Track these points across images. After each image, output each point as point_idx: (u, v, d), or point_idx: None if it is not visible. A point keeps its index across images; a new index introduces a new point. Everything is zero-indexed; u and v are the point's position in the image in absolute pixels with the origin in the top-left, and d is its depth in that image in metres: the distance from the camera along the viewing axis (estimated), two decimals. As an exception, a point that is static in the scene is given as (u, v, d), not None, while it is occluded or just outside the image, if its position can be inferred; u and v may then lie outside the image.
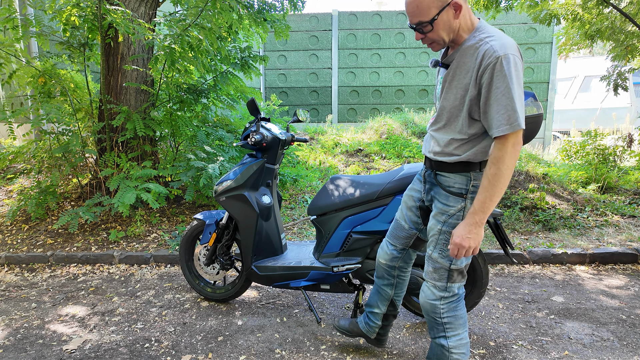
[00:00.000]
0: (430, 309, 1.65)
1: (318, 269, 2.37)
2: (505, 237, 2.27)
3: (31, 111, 4.08)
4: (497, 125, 1.39)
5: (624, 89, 5.57)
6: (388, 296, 1.98)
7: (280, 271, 2.45)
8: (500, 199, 1.45)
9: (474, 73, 1.42)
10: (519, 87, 1.38)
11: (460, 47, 1.48)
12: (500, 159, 1.39)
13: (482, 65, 1.39)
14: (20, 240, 3.88)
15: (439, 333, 1.65)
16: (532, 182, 4.73)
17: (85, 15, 3.78)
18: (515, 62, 1.37)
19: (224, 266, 2.66)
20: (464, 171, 1.55)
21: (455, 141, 1.55)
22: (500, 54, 1.36)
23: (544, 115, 9.20)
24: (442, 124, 1.59)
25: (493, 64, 1.36)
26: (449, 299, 1.62)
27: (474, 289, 2.35)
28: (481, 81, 1.41)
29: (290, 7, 4.76)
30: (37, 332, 2.46)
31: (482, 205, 1.44)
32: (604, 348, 2.22)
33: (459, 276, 1.61)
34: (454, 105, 1.52)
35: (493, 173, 1.40)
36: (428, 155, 1.66)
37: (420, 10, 1.41)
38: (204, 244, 2.69)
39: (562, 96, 11.16)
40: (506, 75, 1.35)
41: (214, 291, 2.79)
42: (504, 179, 1.40)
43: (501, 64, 1.35)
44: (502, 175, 1.40)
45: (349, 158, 5.77)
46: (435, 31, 1.45)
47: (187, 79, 4.42)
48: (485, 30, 1.45)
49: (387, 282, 1.97)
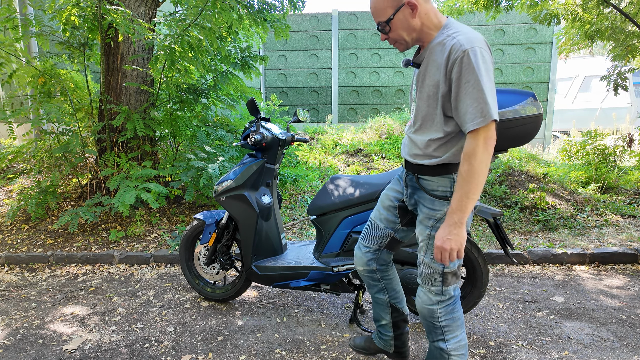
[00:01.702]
0: (427, 314, 1.63)
1: (318, 269, 2.37)
2: (506, 237, 2.27)
3: (31, 111, 4.08)
4: (470, 120, 1.37)
5: (624, 89, 5.57)
6: (385, 303, 1.94)
7: (280, 271, 2.45)
8: (479, 196, 1.40)
9: (443, 69, 1.42)
10: (488, 79, 1.36)
11: (429, 45, 1.48)
12: (472, 154, 1.36)
13: (450, 60, 1.39)
14: (20, 240, 3.88)
15: (437, 337, 1.63)
16: (532, 182, 4.73)
17: (85, 15, 3.78)
18: (482, 54, 1.36)
19: (224, 266, 2.66)
20: (446, 173, 1.53)
21: (433, 142, 1.53)
22: (467, 47, 1.35)
23: (544, 116, 9.21)
24: (419, 124, 1.57)
25: (460, 57, 1.36)
26: (445, 302, 1.60)
27: (474, 289, 2.34)
28: (451, 76, 1.40)
29: (290, 7, 4.76)
30: (37, 332, 2.45)
31: (459, 203, 1.40)
32: (604, 348, 2.22)
33: (453, 278, 1.59)
34: (428, 104, 1.51)
35: (466, 169, 1.38)
36: (408, 158, 1.63)
37: (378, 11, 1.47)
38: (204, 244, 2.69)
39: (562, 96, 11.16)
40: (474, 68, 1.34)
41: (214, 291, 2.79)
42: (478, 175, 1.37)
43: (468, 57, 1.35)
44: (475, 171, 1.36)
45: (349, 158, 5.77)
46: (394, 31, 1.48)
47: (187, 79, 4.41)
48: (452, 27, 1.45)
49: (376, 289, 1.93)
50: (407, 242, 2.29)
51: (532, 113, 2.05)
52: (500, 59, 9.22)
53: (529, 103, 2.05)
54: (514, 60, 9.17)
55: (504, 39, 9.14)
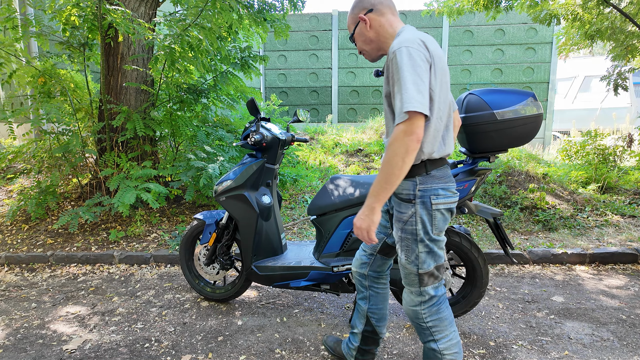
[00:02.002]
0: (413, 316, 1.64)
1: (318, 269, 2.37)
2: (506, 237, 2.27)
3: (31, 111, 4.08)
4: (397, 115, 1.41)
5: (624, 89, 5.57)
6: (362, 312, 1.91)
7: (280, 271, 2.45)
8: (391, 187, 1.40)
9: (386, 72, 1.52)
10: (412, 73, 1.38)
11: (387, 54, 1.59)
12: (389, 144, 1.40)
13: (387, 63, 1.50)
14: (20, 240, 3.88)
15: (427, 337, 1.63)
16: (532, 182, 4.73)
17: (85, 15, 3.78)
18: (409, 52, 1.41)
19: (223, 266, 2.66)
20: (409, 176, 1.55)
21: None
22: (395, 49, 1.43)
23: (544, 115, 9.21)
24: (387, 130, 1.64)
25: (391, 59, 1.44)
26: (427, 302, 1.60)
27: (473, 289, 2.34)
28: (389, 78, 1.49)
29: (290, 7, 4.76)
30: (37, 332, 2.45)
31: (374, 189, 1.45)
32: (604, 348, 2.22)
33: (430, 279, 1.58)
34: (386, 109, 1.59)
35: (384, 158, 1.43)
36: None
37: (348, 27, 1.70)
38: (204, 243, 2.69)
39: (562, 96, 11.17)
40: (399, 67, 1.40)
41: (214, 291, 2.79)
42: (391, 166, 1.39)
43: (395, 56, 1.42)
44: (389, 160, 1.40)
45: (349, 158, 5.77)
46: (358, 42, 1.67)
47: (187, 79, 4.41)
48: (400, 33, 1.54)
49: (361, 295, 1.92)
50: None
51: (532, 113, 2.05)
52: (500, 59, 9.22)
53: (529, 103, 2.06)
54: (514, 60, 9.17)
55: (504, 39, 9.14)
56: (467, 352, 2.18)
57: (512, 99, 2.07)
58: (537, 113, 2.07)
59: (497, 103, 2.05)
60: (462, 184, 2.19)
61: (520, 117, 2.05)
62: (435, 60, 1.46)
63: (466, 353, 2.18)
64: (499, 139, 2.09)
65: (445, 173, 1.58)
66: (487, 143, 2.11)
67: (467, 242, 2.31)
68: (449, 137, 1.59)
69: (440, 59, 1.49)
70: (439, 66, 1.47)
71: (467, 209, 2.26)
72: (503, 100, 2.06)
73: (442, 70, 1.48)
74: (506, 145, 2.11)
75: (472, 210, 2.27)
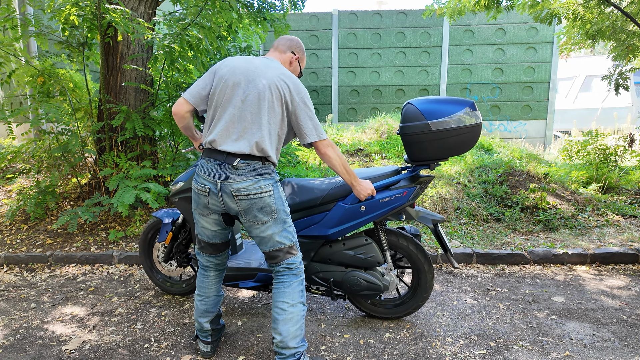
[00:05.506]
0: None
1: (265, 271, 2.43)
2: (444, 243, 2.35)
3: (30, 111, 4.07)
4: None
5: (625, 89, 5.56)
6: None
7: (230, 272, 2.49)
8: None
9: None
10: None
11: None
12: None
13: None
14: (20, 240, 3.87)
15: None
16: (533, 182, 4.72)
17: (85, 15, 3.77)
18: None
19: (180, 264, 2.71)
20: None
21: None
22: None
23: (544, 115, 9.19)
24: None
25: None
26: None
27: (418, 292, 2.39)
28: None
29: (290, 7, 4.75)
30: (37, 332, 2.45)
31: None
32: (605, 348, 2.21)
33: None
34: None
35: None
36: None
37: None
38: (160, 242, 2.73)
39: (563, 96, 11.16)
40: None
41: (172, 285, 2.87)
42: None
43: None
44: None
45: (349, 158, 5.76)
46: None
47: (186, 79, 4.40)
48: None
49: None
50: (349, 245, 2.31)
51: (468, 123, 2.08)
52: (501, 58, 9.21)
53: (467, 113, 2.08)
54: (515, 59, 9.16)
55: (505, 38, 9.13)
56: (468, 353, 2.17)
57: (448, 108, 2.06)
58: (474, 123, 2.07)
59: (432, 113, 2.07)
60: (402, 191, 2.20)
61: (454, 127, 2.05)
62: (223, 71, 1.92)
63: (467, 353, 2.17)
64: (432, 149, 2.11)
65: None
66: (423, 152, 2.14)
67: (413, 246, 2.34)
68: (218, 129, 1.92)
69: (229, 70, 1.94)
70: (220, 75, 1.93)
71: (405, 215, 2.28)
72: (438, 110, 2.07)
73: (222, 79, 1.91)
74: (443, 154, 2.13)
75: (413, 217, 2.29)
